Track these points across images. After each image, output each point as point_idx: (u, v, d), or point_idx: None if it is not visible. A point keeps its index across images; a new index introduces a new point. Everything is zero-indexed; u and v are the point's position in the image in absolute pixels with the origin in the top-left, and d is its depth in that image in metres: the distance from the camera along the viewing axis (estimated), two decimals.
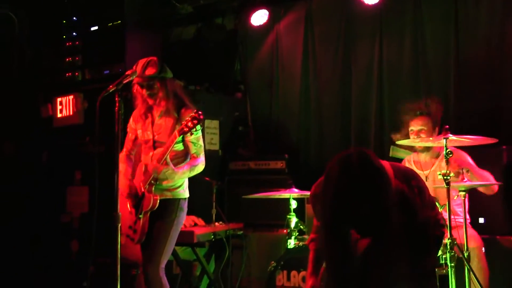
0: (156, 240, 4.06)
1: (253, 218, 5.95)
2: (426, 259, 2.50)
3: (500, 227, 4.97)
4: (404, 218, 2.31)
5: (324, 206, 2.36)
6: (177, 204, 4.14)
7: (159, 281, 4.05)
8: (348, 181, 2.20)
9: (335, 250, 2.34)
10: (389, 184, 2.27)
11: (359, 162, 2.24)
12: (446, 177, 3.84)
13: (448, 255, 3.80)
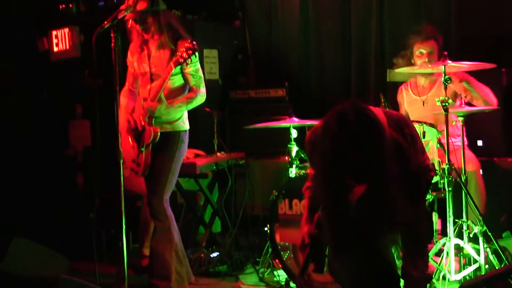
0: (159, 173, 4.12)
1: (254, 146, 6.01)
2: (419, 204, 2.57)
3: (498, 149, 5.03)
4: (398, 166, 2.38)
5: (321, 158, 2.41)
6: (178, 137, 4.18)
7: (163, 212, 4.13)
8: (345, 134, 2.26)
9: (331, 199, 2.40)
10: (385, 135, 2.33)
11: (355, 115, 2.29)
12: (445, 103, 3.87)
13: (446, 180, 3.88)
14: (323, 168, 2.44)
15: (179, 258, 4.24)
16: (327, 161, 2.38)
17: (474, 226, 3.95)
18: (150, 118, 4.06)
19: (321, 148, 2.42)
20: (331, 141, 2.31)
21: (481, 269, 3.87)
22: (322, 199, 2.55)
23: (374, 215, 2.45)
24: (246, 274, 4.65)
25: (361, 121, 2.29)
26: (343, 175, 2.37)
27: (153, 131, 4.03)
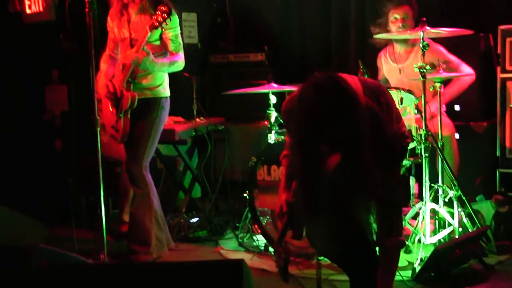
0: (139, 139, 4.12)
1: (234, 111, 6.01)
2: (394, 172, 2.60)
3: (474, 114, 5.09)
4: (373, 134, 2.39)
5: (297, 127, 2.43)
6: (159, 103, 4.16)
7: (143, 179, 4.14)
8: (321, 104, 2.27)
9: (306, 168, 2.42)
10: (360, 105, 2.34)
11: (331, 85, 2.30)
12: (422, 70, 3.89)
13: (422, 146, 3.93)
14: (298, 137, 2.46)
15: (159, 224, 4.27)
16: (302, 131, 2.39)
17: (449, 190, 4.02)
18: (128, 84, 4.03)
19: (296, 118, 2.44)
20: (306, 111, 2.32)
21: (455, 232, 3.95)
22: (297, 168, 2.57)
23: (349, 184, 2.48)
24: (225, 239, 4.69)
25: (337, 92, 2.30)
26: (318, 145, 2.38)
27: (131, 96, 4.00)
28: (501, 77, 4.80)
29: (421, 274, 3.50)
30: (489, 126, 4.99)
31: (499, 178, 4.87)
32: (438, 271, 3.52)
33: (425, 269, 3.49)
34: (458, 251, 3.56)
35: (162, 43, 4.09)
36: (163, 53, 4.10)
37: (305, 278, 3.67)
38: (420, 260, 3.66)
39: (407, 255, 3.91)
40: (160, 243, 4.25)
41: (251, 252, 4.28)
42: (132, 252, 4.14)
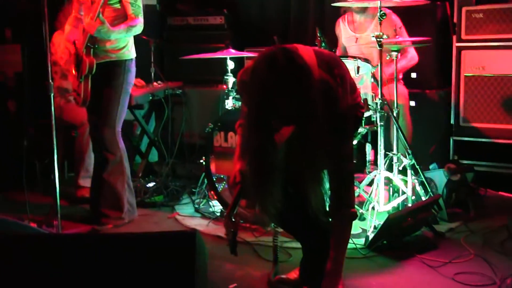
0: (108, 105, 4.06)
1: (193, 74, 5.96)
2: (346, 144, 2.62)
3: (430, 81, 5.15)
4: (326, 107, 2.40)
5: (250, 100, 2.42)
6: (124, 66, 4.09)
7: (116, 144, 4.11)
8: (274, 79, 2.27)
9: (259, 139, 2.41)
10: (313, 79, 2.34)
11: (284, 60, 2.29)
12: (379, 39, 3.90)
13: (378, 114, 3.96)
14: (251, 110, 2.45)
15: (130, 188, 4.26)
16: (255, 104, 2.38)
17: (404, 158, 4.08)
18: (88, 49, 3.94)
19: (250, 91, 2.43)
20: (260, 85, 2.32)
21: (408, 200, 4.03)
22: (250, 139, 2.57)
23: (300, 156, 2.49)
24: (182, 204, 4.68)
25: (290, 67, 2.29)
26: (270, 118, 2.38)
27: (89, 62, 3.92)
28: (456, 46, 4.85)
29: (374, 241, 3.56)
30: (444, 94, 5.06)
31: (452, 145, 4.96)
32: (391, 238, 3.58)
33: (378, 236, 3.55)
34: (410, 219, 3.63)
35: (121, 6, 3.99)
36: (122, 17, 4.01)
37: (260, 245, 3.70)
38: (373, 228, 3.72)
39: (361, 222, 3.97)
40: (132, 208, 4.27)
41: (207, 218, 4.28)
42: (103, 216, 4.13)
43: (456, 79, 4.89)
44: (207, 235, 3.94)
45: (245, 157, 2.76)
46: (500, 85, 4.72)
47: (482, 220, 4.04)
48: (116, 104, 4.06)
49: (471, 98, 4.85)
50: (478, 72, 4.80)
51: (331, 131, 2.49)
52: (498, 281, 3.05)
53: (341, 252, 2.64)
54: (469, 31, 4.80)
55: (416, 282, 3.14)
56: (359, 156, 4.75)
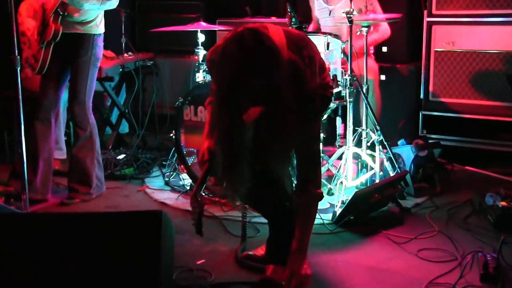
0: (77, 80, 4.01)
1: (164, 45, 5.91)
2: (313, 125, 2.63)
3: (400, 56, 5.18)
4: (294, 88, 2.41)
5: (219, 80, 2.41)
6: (91, 40, 4.03)
7: (86, 120, 4.07)
8: (243, 60, 2.27)
9: (227, 118, 2.42)
10: (282, 61, 2.35)
11: (254, 41, 2.29)
12: (349, 15, 3.89)
13: (347, 90, 3.97)
14: (220, 90, 2.45)
15: (100, 164, 4.24)
16: (224, 84, 2.38)
17: (373, 134, 4.11)
18: (56, 15, 3.86)
19: (219, 71, 2.43)
20: (229, 66, 2.31)
21: (376, 175, 4.08)
22: (218, 118, 2.57)
23: (268, 136, 2.50)
24: (152, 177, 4.67)
25: (259, 48, 2.29)
26: (239, 98, 2.39)
27: (55, 28, 3.85)
28: (427, 21, 4.87)
29: (341, 217, 3.60)
30: (415, 68, 5.09)
31: (422, 120, 5.01)
32: (358, 214, 3.63)
33: (345, 212, 3.59)
34: (377, 195, 3.67)
35: None
36: None
37: (229, 220, 3.72)
38: (341, 203, 3.77)
39: (329, 197, 4.02)
40: (100, 183, 4.25)
41: (177, 192, 4.29)
42: (71, 190, 4.12)
43: (427, 54, 4.92)
44: (176, 209, 3.96)
45: (214, 135, 2.77)
46: (469, 61, 4.76)
47: (448, 195, 4.11)
48: (85, 78, 4.01)
49: (441, 73, 4.89)
50: (448, 48, 4.83)
51: (299, 112, 2.50)
52: (459, 257, 3.12)
53: (307, 232, 2.66)
54: (440, 6, 4.81)
55: (381, 259, 3.19)
56: (330, 130, 4.80)
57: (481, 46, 4.70)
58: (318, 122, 2.77)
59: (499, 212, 3.47)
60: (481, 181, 4.42)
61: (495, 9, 4.59)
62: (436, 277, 2.92)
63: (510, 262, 3.01)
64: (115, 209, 3.98)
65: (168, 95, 5.77)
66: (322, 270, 3.06)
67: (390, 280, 2.96)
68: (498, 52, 4.63)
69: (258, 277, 2.91)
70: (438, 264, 3.08)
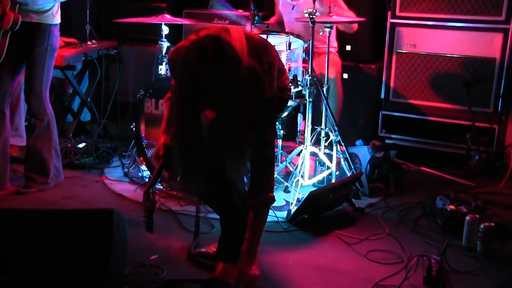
0: (32, 70, 3.97)
1: (129, 33, 5.88)
2: (268, 129, 2.67)
3: (364, 55, 5.25)
4: (251, 94, 2.45)
5: (179, 84, 2.45)
6: (48, 30, 3.98)
7: (43, 110, 4.05)
8: (203, 68, 2.31)
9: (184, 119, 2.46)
10: (241, 68, 2.39)
11: (214, 49, 2.33)
12: (312, 16, 3.93)
13: (307, 91, 4.02)
14: (179, 93, 2.48)
15: (57, 153, 4.22)
16: (183, 89, 2.42)
17: (331, 134, 4.18)
18: (14, 3, 3.82)
19: (179, 75, 2.46)
20: (188, 73, 2.37)
21: (332, 174, 4.15)
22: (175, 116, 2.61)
23: (223, 138, 2.55)
24: (112, 167, 4.67)
25: (219, 56, 2.34)
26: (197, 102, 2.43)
27: (13, 17, 3.80)
28: (390, 22, 4.93)
29: (295, 216, 3.66)
30: (377, 68, 5.16)
31: (381, 119, 5.09)
32: (311, 214, 3.70)
33: (299, 211, 3.66)
34: (331, 196, 3.74)
35: None
36: None
37: (185, 215, 3.76)
38: (296, 201, 3.83)
39: (285, 194, 4.08)
40: (58, 172, 4.24)
41: (135, 184, 4.30)
42: (28, 179, 4.11)
43: (389, 54, 4.99)
44: (133, 202, 3.98)
45: (171, 131, 2.81)
46: (429, 63, 4.85)
47: (402, 196, 4.19)
48: (42, 70, 3.98)
49: (402, 74, 4.97)
50: (410, 49, 4.91)
51: (255, 118, 2.55)
52: (406, 260, 3.21)
53: (257, 234, 2.71)
54: (404, 8, 4.88)
55: (330, 259, 3.26)
56: (290, 126, 4.84)
57: (441, 50, 4.78)
58: (273, 127, 2.82)
59: (447, 216, 3.57)
60: (435, 182, 4.52)
61: (456, 14, 4.67)
62: (381, 279, 3.01)
63: (453, 265, 3.11)
64: (71, 200, 3.99)
65: (132, 84, 5.75)
66: (273, 269, 3.12)
67: (337, 281, 3.03)
68: (457, 56, 4.72)
69: (208, 275, 2.96)
70: (385, 266, 3.17)
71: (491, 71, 4.63)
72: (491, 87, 4.65)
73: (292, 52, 4.05)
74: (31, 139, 4.10)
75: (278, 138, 4.30)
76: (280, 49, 3.91)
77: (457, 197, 3.75)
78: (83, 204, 3.93)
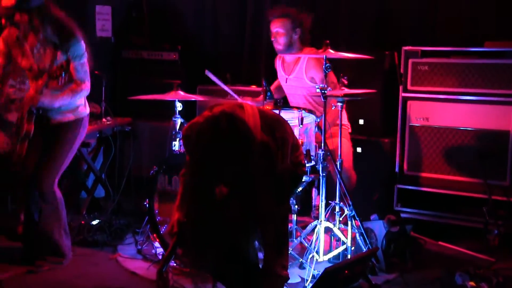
0: (54, 159, 4.00)
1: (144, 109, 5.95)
2: (281, 205, 2.66)
3: (376, 129, 5.25)
4: (264, 169, 2.46)
5: (192, 160, 2.47)
6: (80, 123, 4.10)
7: (53, 196, 4.04)
8: (216, 144, 2.34)
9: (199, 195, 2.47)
10: (255, 144, 2.41)
11: (227, 126, 2.36)
12: (324, 91, 3.96)
13: (321, 166, 4.01)
14: (193, 169, 2.50)
15: (66, 232, 4.19)
16: (197, 165, 2.44)
17: (345, 208, 4.13)
18: (31, 115, 3.87)
19: (193, 152, 2.49)
20: (202, 151, 2.39)
21: (348, 250, 4.08)
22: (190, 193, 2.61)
23: (237, 214, 2.54)
24: (125, 244, 4.63)
25: (233, 133, 2.37)
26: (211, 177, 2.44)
27: (27, 129, 3.87)
28: (402, 96, 4.97)
29: None
30: (390, 142, 5.15)
31: (397, 193, 5.05)
32: None
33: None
34: (347, 272, 3.67)
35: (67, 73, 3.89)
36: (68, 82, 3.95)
37: None
38: (312, 277, 3.76)
39: (300, 271, 4.00)
40: (69, 250, 4.20)
41: (149, 261, 4.26)
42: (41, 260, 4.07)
43: (402, 128, 5.00)
44: (146, 280, 3.92)
45: (184, 208, 2.79)
46: (442, 136, 4.85)
47: (419, 272, 4.10)
48: (62, 160, 4.03)
49: (415, 147, 4.97)
50: (422, 123, 4.92)
51: (269, 193, 2.54)
52: None
53: None
54: (415, 82, 4.92)
55: None
56: (305, 200, 4.82)
57: (454, 123, 4.79)
58: (287, 203, 2.81)
59: None
60: (453, 257, 4.43)
61: (468, 88, 4.70)
62: None
63: None
64: (83, 279, 3.94)
65: (146, 160, 5.80)
66: None
67: None
68: (470, 129, 4.72)
69: None
70: None
71: (505, 144, 4.62)
72: (506, 160, 4.62)
73: (305, 127, 4.07)
74: (41, 222, 4.06)
75: (292, 213, 4.25)
76: (292, 124, 3.93)
77: (477, 273, 3.67)
78: (95, 283, 3.87)
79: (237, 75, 5.99)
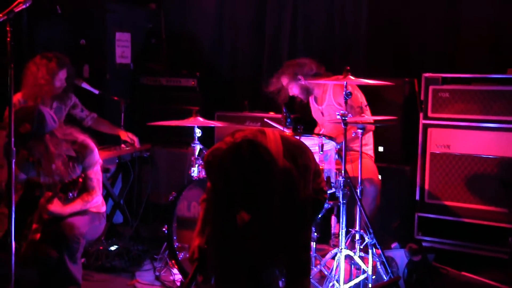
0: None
1: (162, 135, 5.96)
2: (302, 233, 2.63)
3: (396, 157, 5.20)
4: (286, 196, 2.44)
5: (214, 188, 2.46)
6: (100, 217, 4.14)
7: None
8: (238, 171, 2.33)
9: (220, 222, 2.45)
10: (276, 171, 2.39)
11: (249, 153, 2.35)
12: (344, 117, 3.94)
13: (341, 193, 3.97)
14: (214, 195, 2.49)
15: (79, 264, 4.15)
16: (218, 191, 2.43)
17: (365, 236, 4.08)
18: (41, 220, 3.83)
19: (214, 178, 2.47)
20: (224, 175, 2.37)
21: (369, 279, 4.01)
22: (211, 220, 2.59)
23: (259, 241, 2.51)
24: (143, 270, 4.61)
25: (254, 160, 2.35)
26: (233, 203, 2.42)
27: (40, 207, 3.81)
28: (423, 123, 4.92)
29: None
30: (410, 169, 5.10)
31: (417, 222, 4.98)
32: None
33: None
34: None
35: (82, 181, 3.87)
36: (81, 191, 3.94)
37: None
38: None
39: None
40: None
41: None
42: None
43: (422, 155, 4.95)
44: None
45: (205, 234, 2.77)
46: (464, 164, 4.78)
47: None
48: None
49: (436, 175, 4.90)
50: (443, 150, 4.87)
51: (289, 220, 2.51)
52: None
53: None
54: (436, 109, 4.88)
55: None
56: (324, 228, 4.77)
57: (476, 150, 4.73)
58: (308, 231, 2.77)
59: None
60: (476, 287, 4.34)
61: (489, 115, 4.65)
62: None
63: None
64: None
65: (164, 186, 5.79)
66: None
67: None
68: (493, 157, 4.66)
69: None
70: None
71: None
72: None
73: (325, 154, 4.04)
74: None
75: (312, 241, 4.20)
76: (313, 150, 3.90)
77: None
78: None
79: (255, 102, 5.99)
